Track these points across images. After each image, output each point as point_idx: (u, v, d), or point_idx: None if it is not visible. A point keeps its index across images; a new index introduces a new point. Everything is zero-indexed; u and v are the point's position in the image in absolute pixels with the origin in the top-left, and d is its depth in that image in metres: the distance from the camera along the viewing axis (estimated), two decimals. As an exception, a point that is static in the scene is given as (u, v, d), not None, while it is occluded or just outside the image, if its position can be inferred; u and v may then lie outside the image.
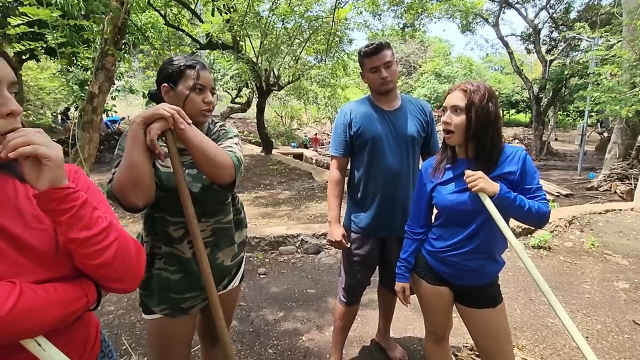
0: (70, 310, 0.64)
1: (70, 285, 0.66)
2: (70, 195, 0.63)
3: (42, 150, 0.59)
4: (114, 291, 0.74)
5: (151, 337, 1.28)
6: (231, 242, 1.31)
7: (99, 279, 0.70)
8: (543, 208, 1.25)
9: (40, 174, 0.60)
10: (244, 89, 14.01)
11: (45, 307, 0.60)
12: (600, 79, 8.74)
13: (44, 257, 0.65)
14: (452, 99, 1.28)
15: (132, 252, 0.73)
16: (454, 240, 1.36)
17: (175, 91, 1.14)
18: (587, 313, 2.59)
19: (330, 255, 3.61)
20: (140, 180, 0.98)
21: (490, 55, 26.60)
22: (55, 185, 0.61)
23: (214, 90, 1.21)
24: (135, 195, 0.99)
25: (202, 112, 1.16)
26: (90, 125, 3.45)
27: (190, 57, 1.18)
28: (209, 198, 1.20)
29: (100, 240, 0.66)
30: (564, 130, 27.21)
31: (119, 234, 0.71)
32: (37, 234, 0.66)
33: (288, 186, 7.60)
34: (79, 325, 0.74)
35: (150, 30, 8.53)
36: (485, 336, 1.42)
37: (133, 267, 0.74)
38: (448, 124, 1.28)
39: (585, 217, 4.60)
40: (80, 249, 0.65)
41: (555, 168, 13.22)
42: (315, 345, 2.22)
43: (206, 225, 1.22)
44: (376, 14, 12.41)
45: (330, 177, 1.78)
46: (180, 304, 1.23)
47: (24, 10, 3.11)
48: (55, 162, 0.60)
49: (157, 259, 1.20)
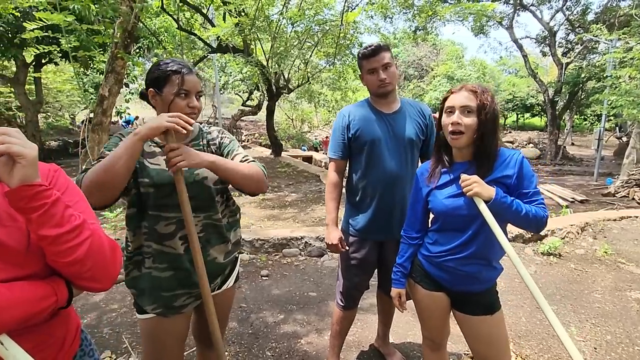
0: (37, 309, 0.65)
1: (38, 283, 0.66)
2: (41, 193, 0.63)
3: (15, 148, 0.60)
4: (87, 290, 0.74)
5: (144, 336, 1.29)
6: (223, 239, 1.32)
7: (71, 277, 0.71)
8: (540, 213, 1.22)
9: (12, 172, 0.61)
10: (254, 92, 14.15)
11: (8, 306, 0.60)
12: (618, 82, 8.51)
13: (15, 254, 0.66)
14: (462, 99, 1.24)
15: (106, 250, 0.74)
16: (451, 245, 1.34)
17: (161, 96, 1.17)
18: (596, 323, 2.50)
19: (333, 258, 3.59)
20: (107, 183, 1.01)
21: (505, 58, 26.25)
22: (26, 183, 0.62)
23: (201, 94, 1.22)
24: (95, 195, 1.01)
25: (187, 115, 1.16)
26: (100, 127, 3.53)
27: (178, 61, 1.19)
28: (200, 193, 1.22)
29: (71, 238, 0.67)
30: (581, 135, 26.55)
31: (93, 232, 0.71)
32: (8, 231, 0.66)
33: (295, 189, 7.61)
34: (57, 322, 0.75)
35: (163, 34, 8.71)
36: (482, 344, 1.38)
37: (107, 265, 0.74)
38: (459, 125, 1.23)
39: (598, 224, 4.46)
40: (52, 247, 0.65)
41: (570, 173, 12.88)
42: (314, 349, 2.20)
43: (197, 220, 1.23)
44: (387, 17, 12.38)
45: (328, 179, 1.77)
46: (173, 303, 1.24)
47: (39, 15, 3.21)
48: (28, 161, 0.61)
49: (146, 257, 1.21)
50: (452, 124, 1.24)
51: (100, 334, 2.36)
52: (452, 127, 1.24)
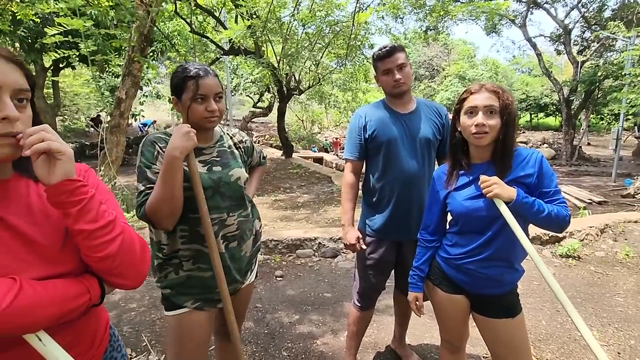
0: (71, 306, 0.66)
1: (72, 281, 0.68)
2: (80, 188, 0.66)
3: (55, 145, 0.62)
4: (116, 287, 0.76)
5: (174, 333, 1.28)
6: (251, 233, 1.37)
7: (102, 273, 0.72)
8: (563, 212, 1.19)
9: (52, 168, 0.63)
10: (265, 94, 14.23)
11: (44, 304, 0.62)
12: (637, 80, 8.27)
13: (50, 252, 0.68)
14: (484, 100, 1.22)
15: (136, 248, 0.76)
16: (470, 247, 1.32)
17: (181, 103, 1.20)
18: (619, 327, 2.43)
19: (347, 259, 3.58)
20: (177, 210, 1.07)
21: (518, 57, 25.77)
22: (67, 178, 0.64)
23: (220, 95, 1.22)
24: (168, 221, 1.08)
25: (205, 120, 1.19)
26: (118, 129, 3.61)
27: (196, 65, 1.21)
28: (234, 193, 1.27)
29: (105, 234, 0.69)
30: (598, 135, 25.90)
31: (124, 229, 0.73)
32: (43, 229, 0.69)
33: (307, 190, 7.63)
34: (88, 319, 0.77)
35: (176, 38, 8.85)
36: (503, 347, 1.36)
37: (136, 263, 0.76)
38: (484, 126, 1.21)
39: (619, 226, 4.34)
40: (87, 241, 0.68)
41: (587, 174, 12.57)
42: (330, 350, 2.20)
43: (233, 219, 1.27)
44: (398, 17, 12.32)
45: (344, 180, 1.77)
46: (213, 297, 1.27)
47: (59, 21, 3.30)
48: (67, 157, 0.64)
49: (184, 260, 1.22)
50: (477, 125, 1.21)
51: (121, 332, 2.40)
52: (476, 129, 1.21)
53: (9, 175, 0.69)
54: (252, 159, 1.50)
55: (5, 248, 0.63)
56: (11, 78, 0.63)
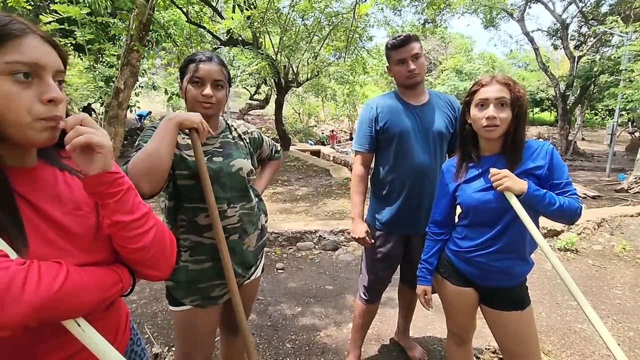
0: (108, 294, 0.66)
1: (107, 269, 0.68)
2: (118, 180, 0.65)
3: (95, 138, 0.61)
4: (147, 278, 0.75)
5: (179, 328, 1.29)
6: (255, 227, 1.33)
7: (135, 263, 0.72)
8: (574, 204, 1.19)
9: (92, 160, 0.62)
10: (262, 86, 14.10)
11: (88, 289, 0.61)
12: (634, 76, 8.33)
13: (83, 241, 0.67)
14: (495, 92, 1.21)
15: (167, 240, 0.75)
16: (481, 240, 1.32)
17: (182, 86, 1.18)
18: (618, 319, 2.47)
19: (348, 252, 3.59)
20: (154, 167, 0.99)
21: (515, 52, 25.81)
22: (106, 170, 0.63)
23: (219, 83, 1.19)
24: (144, 180, 0.99)
25: (200, 104, 1.16)
26: (116, 120, 3.55)
27: (203, 53, 1.19)
28: (236, 184, 1.23)
29: (141, 225, 0.68)
30: (592, 130, 26.12)
31: (157, 221, 0.73)
32: (77, 219, 0.68)
33: (306, 182, 7.61)
34: (112, 310, 0.76)
35: (172, 28, 8.69)
36: (511, 340, 1.37)
37: (167, 254, 0.76)
38: (495, 119, 1.20)
39: (615, 220, 4.39)
40: (123, 232, 0.67)
41: (582, 169, 12.70)
42: (333, 342, 2.21)
43: (234, 211, 1.23)
44: (396, 10, 12.22)
45: (354, 173, 1.75)
46: (210, 294, 1.25)
47: (55, 8, 3.22)
48: (107, 150, 0.63)
49: (182, 251, 1.21)
50: (488, 118, 1.20)
51: (122, 324, 2.39)
52: (487, 122, 1.21)
53: (34, 163, 0.67)
54: (261, 151, 1.46)
55: (46, 240, 0.62)
56: (53, 58, 0.61)
